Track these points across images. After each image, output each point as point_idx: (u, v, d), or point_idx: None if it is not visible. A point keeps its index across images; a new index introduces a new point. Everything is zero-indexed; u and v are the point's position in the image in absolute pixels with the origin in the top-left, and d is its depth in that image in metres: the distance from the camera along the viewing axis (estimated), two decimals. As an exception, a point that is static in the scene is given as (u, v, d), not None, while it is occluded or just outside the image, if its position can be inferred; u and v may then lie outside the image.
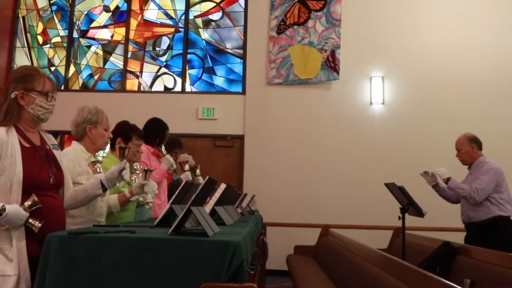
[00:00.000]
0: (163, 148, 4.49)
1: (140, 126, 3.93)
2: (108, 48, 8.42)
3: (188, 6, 8.37)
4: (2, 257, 2.06)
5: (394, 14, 7.75)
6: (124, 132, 3.54)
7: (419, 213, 4.30)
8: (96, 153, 3.07)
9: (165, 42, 8.36)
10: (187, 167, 4.70)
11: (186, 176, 4.57)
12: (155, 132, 4.41)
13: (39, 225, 2.12)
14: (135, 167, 3.17)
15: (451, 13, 7.66)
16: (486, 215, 4.30)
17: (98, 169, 2.67)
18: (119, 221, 3.15)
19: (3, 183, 2.12)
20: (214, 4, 8.37)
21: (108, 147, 3.41)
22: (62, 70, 8.33)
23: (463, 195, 4.38)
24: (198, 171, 4.68)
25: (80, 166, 2.85)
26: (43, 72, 2.34)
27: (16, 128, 2.23)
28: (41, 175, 2.22)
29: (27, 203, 2.12)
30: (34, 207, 2.13)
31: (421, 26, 7.70)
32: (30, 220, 2.11)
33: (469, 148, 4.52)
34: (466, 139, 4.56)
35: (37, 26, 8.56)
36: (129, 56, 8.32)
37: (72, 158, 2.83)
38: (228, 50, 8.21)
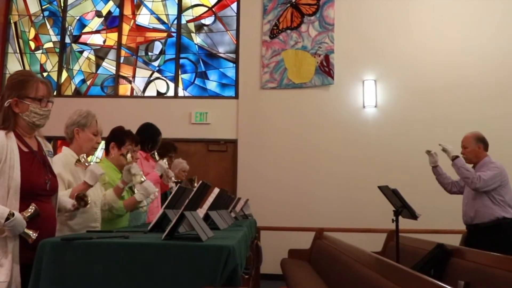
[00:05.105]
0: (155, 154, 4.45)
1: (133, 131, 3.92)
2: (101, 53, 8.40)
3: (180, 11, 8.37)
4: None
5: (387, 17, 7.78)
6: (117, 137, 3.52)
7: (413, 215, 4.30)
8: (88, 159, 3.05)
9: (157, 47, 8.35)
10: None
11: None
12: (147, 137, 4.40)
13: (35, 235, 2.08)
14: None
15: (444, 16, 7.70)
16: (489, 216, 4.24)
17: (86, 163, 2.66)
18: (114, 227, 3.13)
19: (0, 187, 2.09)
20: (207, 9, 8.38)
21: (102, 153, 3.40)
22: (54, 75, 8.29)
23: (465, 176, 4.27)
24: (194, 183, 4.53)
25: (68, 175, 2.81)
26: (37, 77, 2.31)
27: (14, 133, 2.22)
28: (38, 181, 2.20)
29: (29, 213, 2.07)
30: (32, 217, 2.09)
31: (413, 29, 7.73)
32: (26, 230, 2.06)
33: (475, 147, 4.44)
34: (474, 138, 4.46)
35: (29, 31, 8.52)
36: (121, 61, 8.30)
37: (63, 164, 2.78)
38: (221, 55, 8.21)
